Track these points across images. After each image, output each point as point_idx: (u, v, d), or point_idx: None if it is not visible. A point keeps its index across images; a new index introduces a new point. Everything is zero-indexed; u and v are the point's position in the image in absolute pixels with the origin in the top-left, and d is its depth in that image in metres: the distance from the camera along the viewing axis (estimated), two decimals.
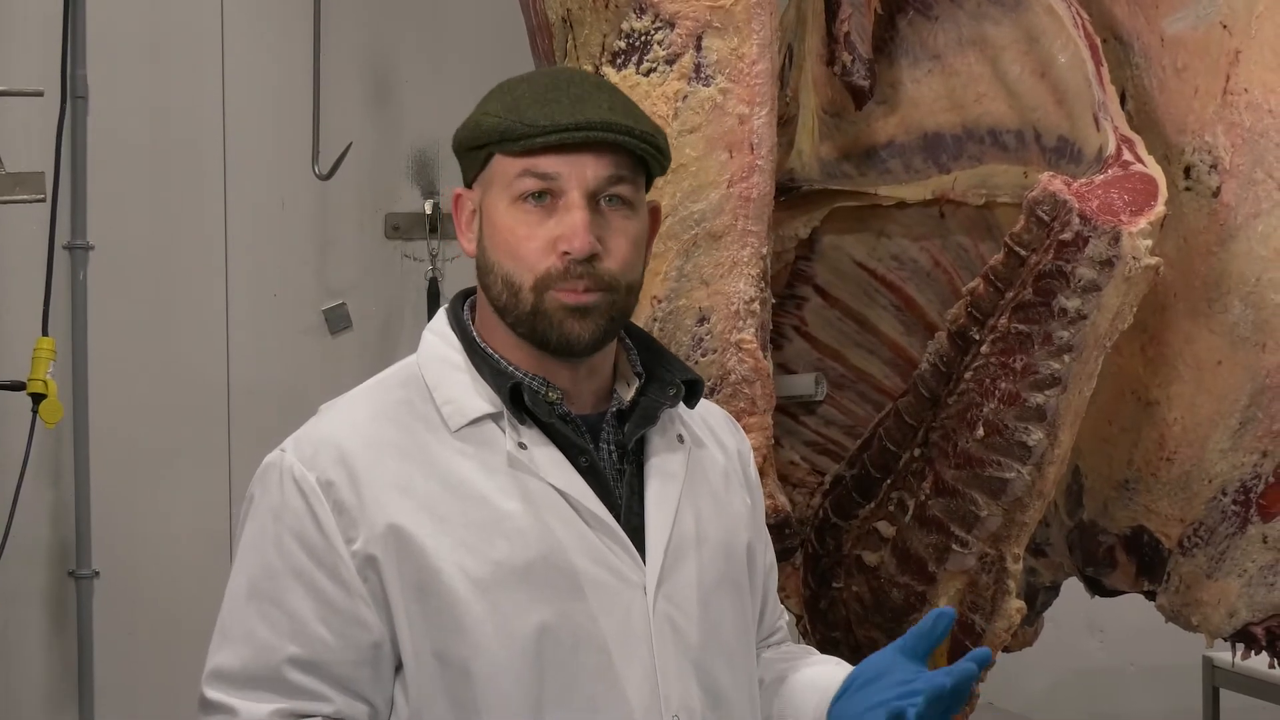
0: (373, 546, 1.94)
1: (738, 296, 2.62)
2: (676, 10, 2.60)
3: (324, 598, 1.94)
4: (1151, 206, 2.48)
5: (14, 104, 4.07)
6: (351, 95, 4.35)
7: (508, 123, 1.98)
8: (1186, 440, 2.75)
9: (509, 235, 1.99)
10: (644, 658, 1.98)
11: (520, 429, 2.00)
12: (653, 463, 2.07)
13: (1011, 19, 2.73)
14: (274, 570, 1.96)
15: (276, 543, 1.96)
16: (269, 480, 2.00)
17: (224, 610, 1.99)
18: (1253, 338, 2.66)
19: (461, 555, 1.94)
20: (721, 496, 2.14)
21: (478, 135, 2.02)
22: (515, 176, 1.99)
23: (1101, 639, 4.90)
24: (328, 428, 2.02)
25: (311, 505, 1.95)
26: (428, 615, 1.94)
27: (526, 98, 2.00)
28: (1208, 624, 2.84)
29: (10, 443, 4.09)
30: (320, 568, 1.94)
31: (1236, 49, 2.66)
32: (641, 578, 2.00)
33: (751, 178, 2.62)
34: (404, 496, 1.96)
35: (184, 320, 4.32)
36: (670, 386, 2.08)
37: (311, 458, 1.98)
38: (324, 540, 1.95)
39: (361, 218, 4.38)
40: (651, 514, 2.04)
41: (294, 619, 1.94)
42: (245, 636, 1.96)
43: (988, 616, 2.71)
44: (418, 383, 2.05)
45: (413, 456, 1.99)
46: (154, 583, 4.26)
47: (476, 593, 1.94)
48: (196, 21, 4.31)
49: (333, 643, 1.94)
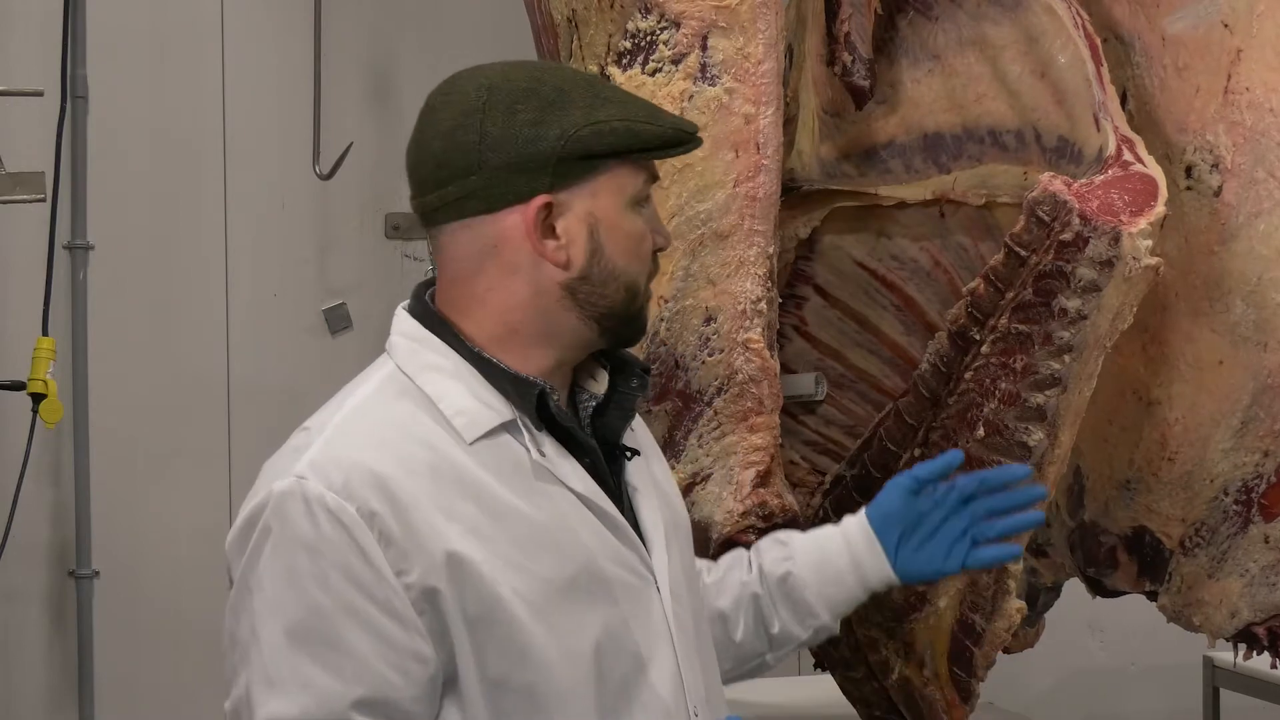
0: (432, 578, 1.86)
1: (744, 296, 2.62)
2: (682, 10, 2.60)
3: (382, 634, 1.85)
4: (1152, 207, 2.48)
5: (14, 104, 4.07)
6: (351, 95, 4.35)
7: (639, 127, 1.96)
8: (1188, 440, 2.75)
9: (639, 239, 1.99)
10: (668, 653, 1.98)
11: (538, 436, 1.97)
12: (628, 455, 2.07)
13: (1011, 19, 2.73)
14: (322, 610, 1.85)
15: (319, 580, 1.85)
16: (291, 512, 1.88)
17: (265, 657, 1.86)
18: (1254, 337, 2.66)
19: (512, 577, 1.89)
20: (664, 477, 2.15)
21: (601, 143, 1.95)
22: (643, 181, 1.99)
23: (1101, 639, 4.90)
24: (351, 451, 1.91)
25: (356, 537, 1.85)
26: (493, 644, 1.88)
27: (617, 98, 1.99)
28: (1210, 624, 2.84)
29: (10, 443, 4.10)
30: (373, 603, 1.85)
31: (1238, 48, 2.66)
32: (652, 574, 2.00)
33: (757, 177, 2.61)
34: (450, 521, 1.89)
35: (184, 320, 4.33)
36: (633, 377, 2.07)
37: (345, 485, 1.87)
38: (373, 573, 1.85)
39: (361, 218, 4.39)
40: (642, 508, 2.04)
41: (353, 659, 1.85)
42: (301, 684, 1.84)
43: (988, 616, 2.70)
44: (415, 393, 1.97)
45: (445, 475, 1.91)
46: (154, 583, 4.26)
47: (533, 614, 1.89)
48: (196, 21, 4.32)
49: (396, 680, 1.86)
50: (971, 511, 2.31)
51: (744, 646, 2.30)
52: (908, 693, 2.83)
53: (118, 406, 4.26)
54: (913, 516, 2.29)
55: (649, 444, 2.17)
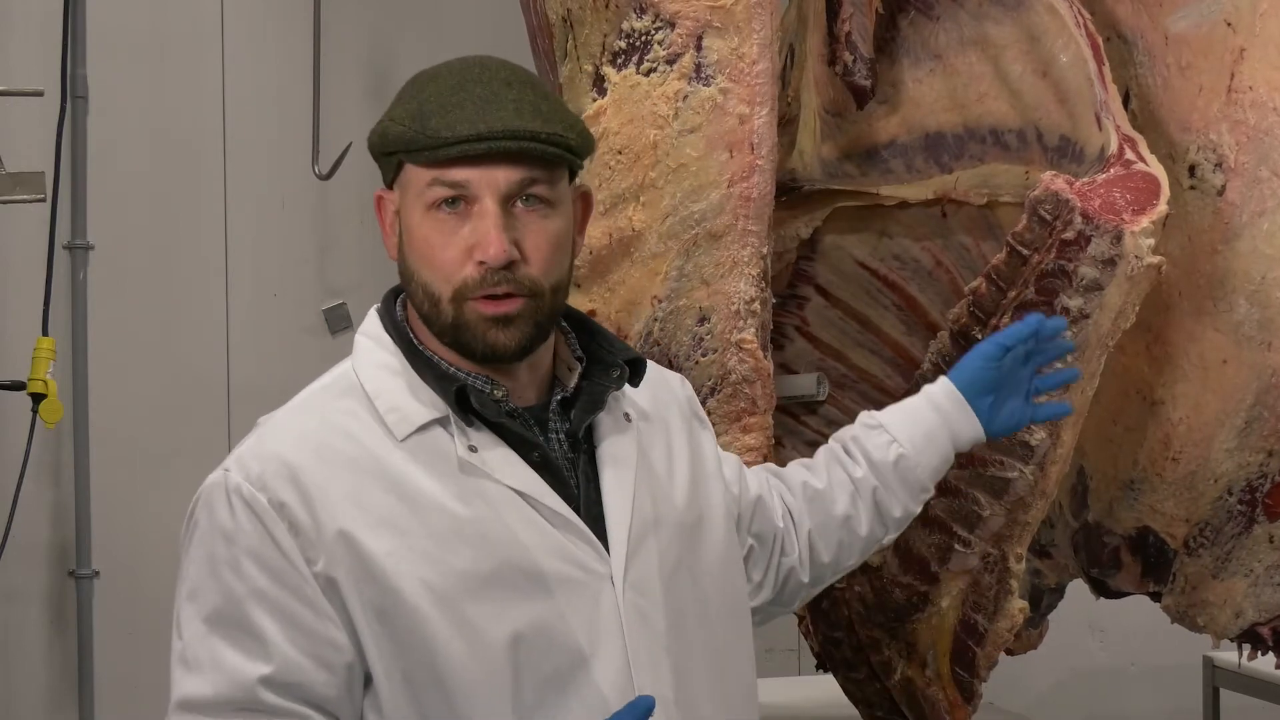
0: (333, 569, 1.89)
1: (738, 296, 2.62)
2: (677, 10, 2.60)
3: (292, 619, 1.88)
4: (1154, 205, 2.48)
5: (14, 104, 4.07)
6: (351, 95, 4.35)
7: (411, 133, 1.95)
8: (1192, 440, 2.74)
9: (424, 245, 1.96)
10: (617, 650, 1.95)
11: (469, 431, 1.96)
12: (604, 448, 2.04)
13: (1013, 18, 2.73)
14: (235, 595, 1.89)
15: (233, 567, 1.89)
16: (214, 502, 1.92)
17: (185, 641, 1.91)
18: (1258, 336, 2.66)
19: (423, 569, 1.89)
20: (677, 468, 2.11)
21: (385, 143, 1.99)
22: (426, 185, 1.95)
23: (1102, 639, 4.90)
24: (273, 444, 1.94)
25: (267, 526, 1.89)
26: (394, 637, 1.89)
27: (432, 102, 1.96)
28: (1214, 625, 2.84)
29: (10, 443, 4.09)
30: (284, 589, 1.88)
31: (1241, 47, 2.65)
32: (608, 569, 1.97)
33: (752, 178, 2.61)
34: (360, 512, 1.90)
35: (184, 320, 4.33)
36: (613, 369, 2.05)
37: (259, 477, 1.91)
38: (285, 561, 1.89)
39: (362, 218, 4.38)
40: (610, 502, 2.01)
41: (263, 641, 1.88)
42: (213, 664, 1.89)
43: (990, 616, 2.70)
44: (358, 391, 1.98)
45: (365, 469, 1.92)
46: (154, 583, 4.25)
47: (441, 607, 1.89)
48: (196, 21, 4.32)
49: (305, 664, 1.88)
50: (1030, 370, 2.39)
51: (869, 538, 2.35)
52: (910, 693, 2.83)
53: (118, 406, 4.26)
54: (994, 379, 2.36)
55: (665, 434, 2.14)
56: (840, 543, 2.32)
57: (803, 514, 2.31)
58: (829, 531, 2.32)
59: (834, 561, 2.33)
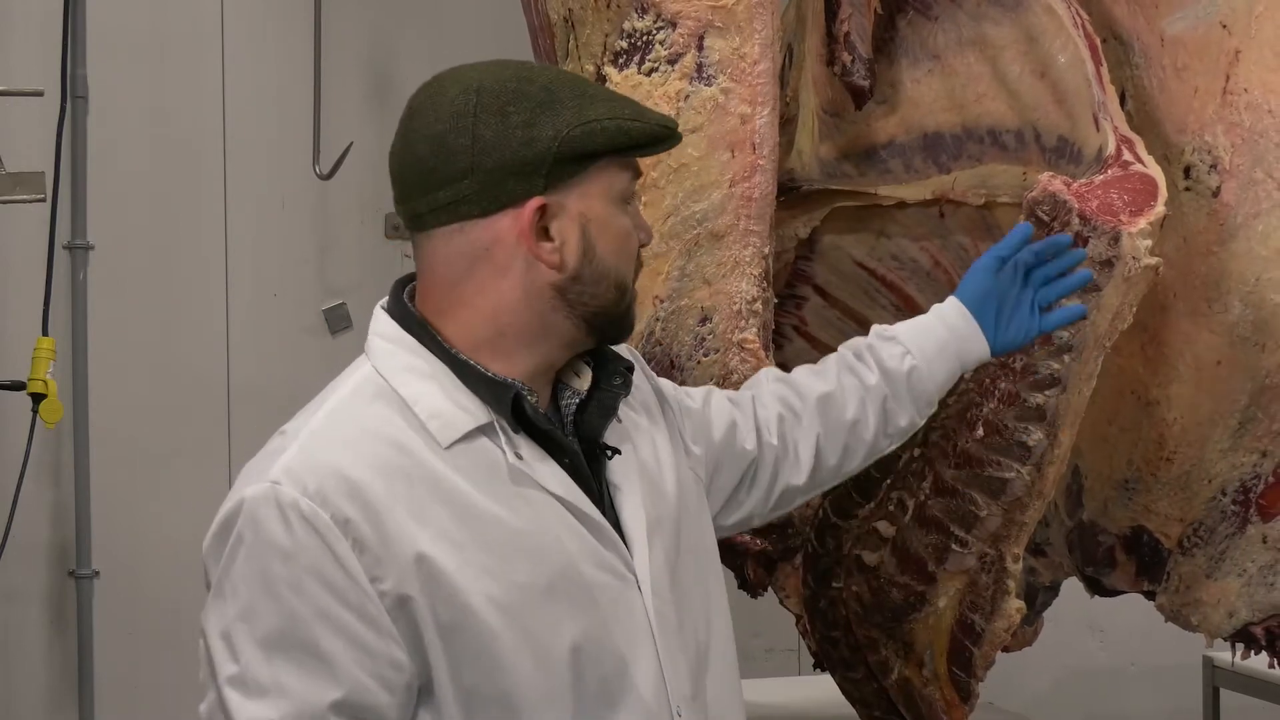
0: (405, 586, 1.84)
1: (740, 296, 2.62)
2: (678, 10, 2.60)
3: (357, 641, 1.83)
4: (1151, 206, 2.48)
5: (14, 104, 4.08)
6: (351, 95, 4.35)
7: (629, 125, 1.96)
8: (1186, 440, 2.75)
9: (625, 237, 2.00)
10: (650, 653, 1.96)
11: (514, 438, 1.95)
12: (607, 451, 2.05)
13: (1011, 19, 2.73)
14: (298, 616, 1.82)
15: (294, 586, 1.83)
16: (264, 518, 1.85)
17: (242, 664, 1.83)
18: (1252, 338, 2.66)
19: (486, 583, 1.86)
20: (664, 461, 2.11)
21: (593, 142, 1.94)
22: (628, 178, 1.99)
23: (1101, 639, 4.90)
24: (324, 455, 1.88)
25: (329, 544, 1.83)
26: (465, 652, 1.86)
27: (603, 96, 1.98)
28: (1207, 624, 2.84)
29: (10, 443, 4.10)
30: (348, 609, 1.83)
31: (1236, 49, 2.65)
32: (634, 574, 1.98)
33: (753, 177, 2.61)
34: (423, 526, 1.86)
35: (184, 320, 4.33)
36: (616, 375, 2.05)
37: (319, 491, 1.85)
38: (348, 580, 1.83)
39: (361, 218, 4.39)
40: (624, 506, 2.02)
41: (330, 664, 1.82)
42: (278, 688, 1.82)
43: (987, 616, 2.71)
44: (390, 396, 1.93)
45: (419, 480, 1.88)
46: (154, 583, 4.26)
47: (506, 620, 1.87)
48: (196, 21, 4.33)
49: (372, 686, 1.83)
50: (1034, 282, 2.41)
51: (873, 445, 2.37)
52: (907, 693, 2.83)
53: (118, 406, 4.26)
54: (998, 293, 2.38)
55: (647, 426, 2.14)
56: (846, 447, 2.35)
57: (813, 418, 2.34)
58: (836, 436, 2.35)
59: (838, 465, 2.37)
